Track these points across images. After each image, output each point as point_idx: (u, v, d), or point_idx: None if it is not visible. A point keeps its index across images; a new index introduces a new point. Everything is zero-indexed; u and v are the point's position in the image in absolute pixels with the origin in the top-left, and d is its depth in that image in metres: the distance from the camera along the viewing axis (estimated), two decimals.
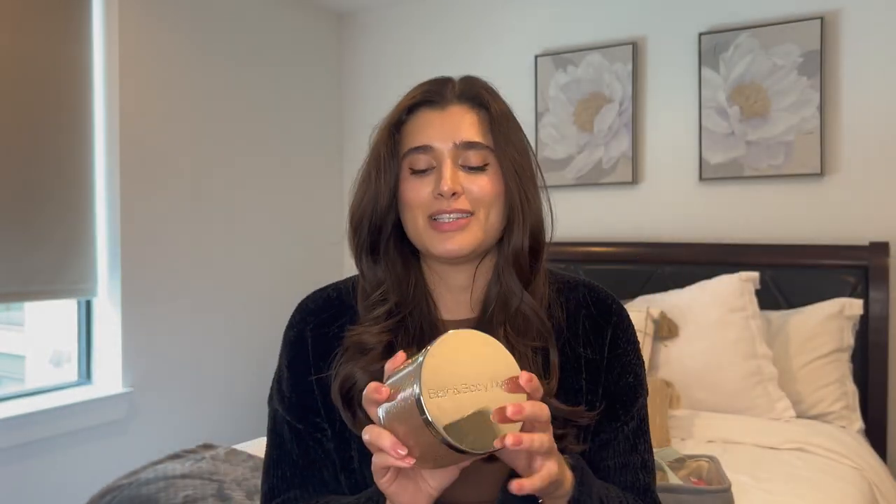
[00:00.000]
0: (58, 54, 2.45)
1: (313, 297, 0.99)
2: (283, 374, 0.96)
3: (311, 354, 0.94)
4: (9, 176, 2.31)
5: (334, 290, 0.99)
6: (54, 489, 2.40)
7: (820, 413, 2.33)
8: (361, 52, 3.63)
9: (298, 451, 0.94)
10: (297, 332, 0.96)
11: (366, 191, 0.93)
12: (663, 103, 2.92)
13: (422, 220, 0.90)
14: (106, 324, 2.62)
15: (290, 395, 0.95)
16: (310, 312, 0.97)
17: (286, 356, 0.96)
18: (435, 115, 0.92)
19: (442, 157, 0.90)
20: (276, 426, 0.96)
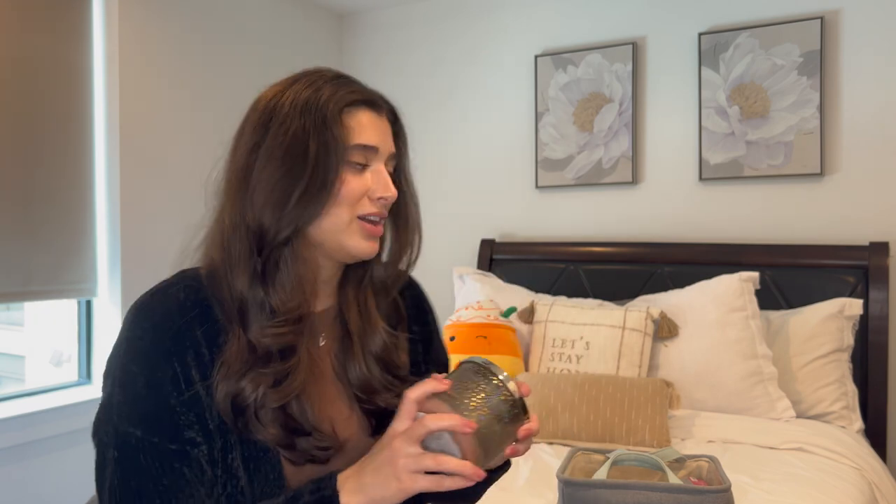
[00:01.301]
0: (58, 54, 2.45)
1: (162, 302, 0.87)
2: (140, 392, 0.83)
3: (177, 364, 0.84)
4: (9, 176, 2.32)
5: (180, 292, 0.88)
6: (54, 489, 2.40)
7: (820, 413, 2.33)
8: (362, 52, 3.63)
9: (169, 475, 0.82)
10: (152, 340, 0.84)
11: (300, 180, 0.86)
12: (663, 103, 2.92)
13: (348, 216, 0.89)
14: (106, 324, 2.62)
15: (158, 414, 0.83)
16: (163, 320, 0.85)
17: (141, 370, 0.83)
18: (376, 119, 0.92)
19: (381, 160, 0.92)
20: (128, 454, 0.82)
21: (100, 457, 0.84)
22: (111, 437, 0.83)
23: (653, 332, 2.45)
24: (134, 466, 0.82)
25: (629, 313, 2.46)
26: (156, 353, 0.84)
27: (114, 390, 0.84)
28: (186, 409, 0.83)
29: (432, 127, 3.40)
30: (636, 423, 2.12)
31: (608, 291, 2.86)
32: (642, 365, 2.40)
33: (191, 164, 2.87)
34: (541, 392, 2.25)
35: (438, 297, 3.40)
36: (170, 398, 0.83)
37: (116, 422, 0.83)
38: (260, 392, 0.84)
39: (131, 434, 0.82)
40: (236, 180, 0.90)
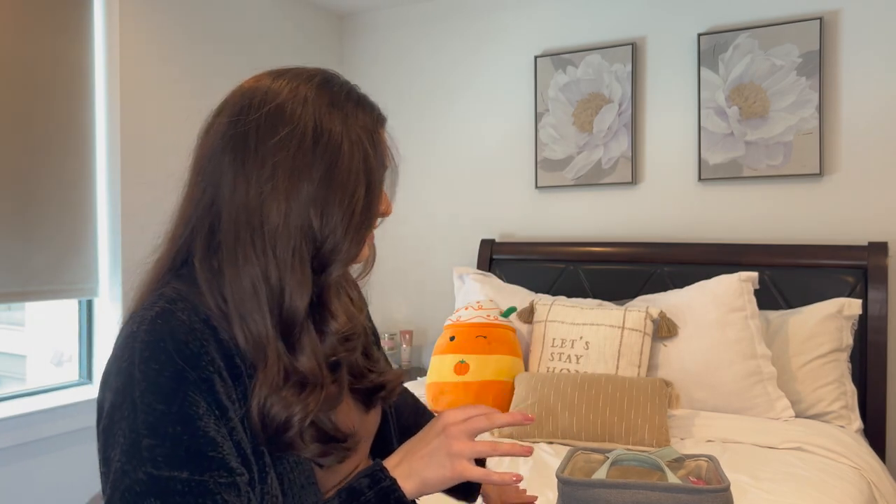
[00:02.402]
0: (58, 54, 2.45)
1: (169, 329, 0.78)
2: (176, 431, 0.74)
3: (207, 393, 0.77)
4: (9, 176, 2.32)
5: (182, 313, 0.79)
6: (54, 489, 2.40)
7: (819, 413, 2.34)
8: (362, 52, 3.63)
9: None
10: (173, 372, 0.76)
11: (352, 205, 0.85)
12: (663, 104, 2.93)
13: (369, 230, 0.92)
14: (106, 324, 2.62)
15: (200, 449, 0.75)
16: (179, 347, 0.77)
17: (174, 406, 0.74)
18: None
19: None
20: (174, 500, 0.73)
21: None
22: (146, 486, 0.73)
23: (652, 331, 2.45)
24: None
25: (629, 313, 2.47)
26: (182, 385, 0.75)
27: (139, 435, 0.74)
28: (225, 438, 0.77)
29: (432, 127, 3.40)
30: (635, 422, 2.12)
31: (608, 291, 2.86)
32: (642, 365, 2.40)
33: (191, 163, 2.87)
34: (540, 392, 2.26)
35: (438, 297, 3.41)
36: (209, 430, 0.75)
37: (151, 468, 0.73)
38: (310, 414, 0.83)
39: (175, 478, 0.73)
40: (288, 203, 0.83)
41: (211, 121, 0.92)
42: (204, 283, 0.82)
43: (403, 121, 3.45)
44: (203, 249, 0.85)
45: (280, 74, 0.91)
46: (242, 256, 0.82)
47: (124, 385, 0.75)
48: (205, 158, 0.89)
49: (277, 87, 0.88)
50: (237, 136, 0.85)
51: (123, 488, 0.73)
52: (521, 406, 2.28)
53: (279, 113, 0.85)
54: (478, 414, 0.85)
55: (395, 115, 3.39)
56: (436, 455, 0.82)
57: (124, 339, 0.78)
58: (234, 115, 0.87)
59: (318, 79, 0.90)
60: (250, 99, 0.87)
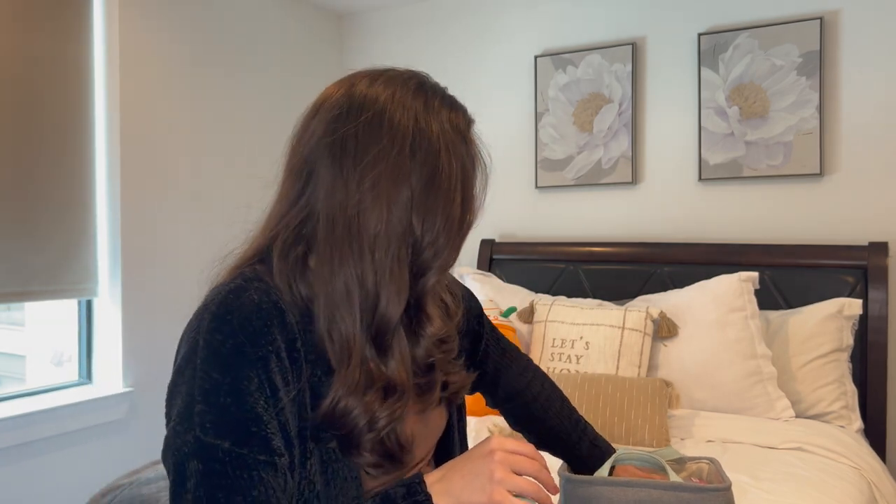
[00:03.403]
0: (58, 54, 2.45)
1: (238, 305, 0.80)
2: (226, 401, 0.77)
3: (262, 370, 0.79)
4: (9, 176, 2.32)
5: (254, 294, 0.82)
6: (54, 489, 2.40)
7: (819, 413, 2.34)
8: (362, 52, 3.63)
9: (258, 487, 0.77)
10: (234, 345, 0.79)
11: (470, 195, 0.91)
12: (663, 104, 2.93)
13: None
14: (106, 324, 2.62)
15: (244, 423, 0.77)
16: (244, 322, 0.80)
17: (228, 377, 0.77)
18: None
19: None
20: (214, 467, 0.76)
21: (179, 469, 0.76)
22: (193, 448, 0.76)
23: (652, 331, 2.45)
24: (222, 480, 0.76)
25: (629, 313, 2.47)
26: (239, 360, 0.78)
27: (193, 399, 0.77)
28: (272, 417, 0.78)
29: None
30: (635, 422, 2.12)
31: (608, 291, 2.86)
32: (642, 365, 2.40)
33: (191, 163, 2.87)
34: None
35: None
36: (256, 406, 0.77)
37: (199, 433, 0.76)
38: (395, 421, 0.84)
39: (218, 446, 0.76)
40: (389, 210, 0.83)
41: (305, 122, 0.91)
42: (278, 272, 0.84)
43: None
44: (286, 242, 0.86)
45: (375, 78, 0.93)
46: (339, 259, 0.83)
47: (190, 352, 0.79)
48: (301, 160, 0.89)
49: (375, 93, 0.89)
50: (336, 143, 0.85)
51: (175, 447, 0.77)
52: None
53: (379, 120, 0.85)
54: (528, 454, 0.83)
55: None
56: (478, 478, 0.80)
57: (199, 310, 0.82)
58: (332, 121, 0.87)
59: (414, 82, 0.92)
60: (348, 104, 0.88)
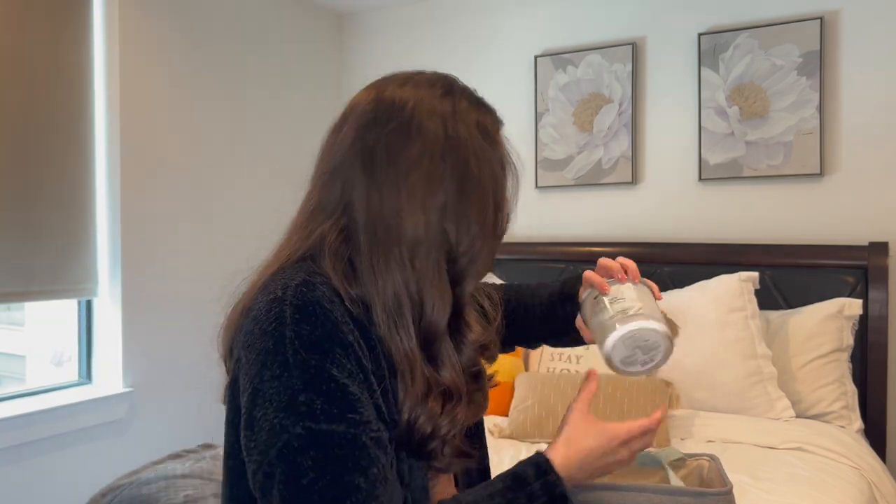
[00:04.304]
0: (58, 54, 2.45)
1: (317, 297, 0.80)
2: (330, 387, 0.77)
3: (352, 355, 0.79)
4: (9, 176, 2.32)
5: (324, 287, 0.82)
6: (54, 489, 2.40)
7: (819, 413, 2.34)
8: (362, 52, 3.63)
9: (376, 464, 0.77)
10: (323, 334, 0.79)
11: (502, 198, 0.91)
12: (663, 104, 2.93)
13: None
14: (106, 324, 2.62)
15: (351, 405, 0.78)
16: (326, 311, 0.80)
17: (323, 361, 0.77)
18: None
19: None
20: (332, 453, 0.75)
21: (291, 463, 0.74)
22: (306, 441, 0.75)
23: None
24: (343, 463, 0.75)
25: None
26: (332, 346, 0.78)
27: (294, 391, 0.76)
28: (367, 399, 0.79)
29: None
30: None
31: None
32: None
33: (191, 163, 2.87)
34: (541, 392, 2.26)
35: None
36: (356, 389, 0.78)
37: (309, 423, 0.75)
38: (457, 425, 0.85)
39: (333, 432, 0.75)
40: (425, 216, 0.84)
41: (336, 129, 0.91)
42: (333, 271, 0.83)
43: None
44: (332, 245, 0.85)
45: (404, 82, 0.91)
46: (384, 266, 0.83)
47: (275, 346, 0.77)
48: (335, 165, 0.88)
49: (404, 98, 0.88)
50: (366, 149, 0.86)
51: (281, 445, 0.74)
52: (520, 406, 2.27)
53: (408, 126, 0.85)
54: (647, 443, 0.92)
55: None
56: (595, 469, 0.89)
57: (268, 303, 0.80)
58: (363, 127, 0.87)
59: (440, 86, 0.91)
60: (376, 111, 0.88)
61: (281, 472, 0.74)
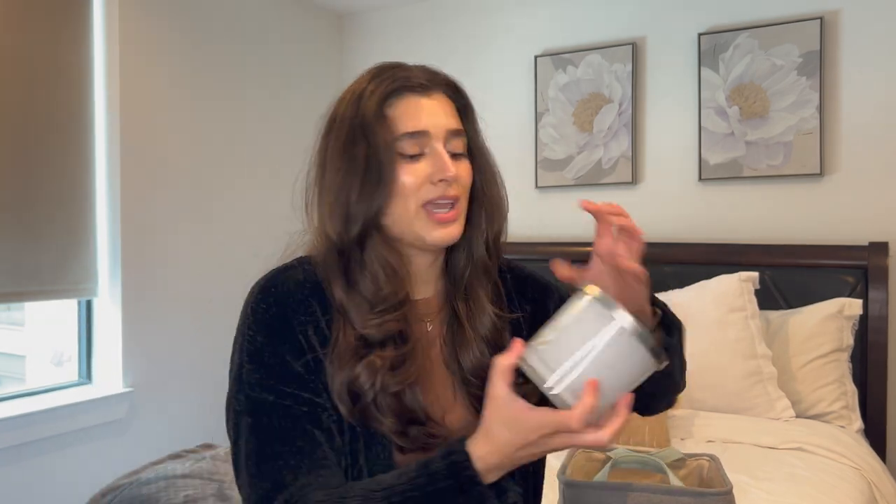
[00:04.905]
0: (58, 54, 2.45)
1: (282, 280, 0.91)
2: (268, 360, 0.87)
3: (300, 335, 0.88)
4: (9, 176, 2.31)
5: (298, 273, 0.92)
6: (54, 489, 2.40)
7: (819, 413, 2.34)
8: (362, 52, 3.63)
9: (302, 437, 0.84)
10: (275, 314, 0.88)
11: (356, 179, 0.89)
12: (663, 104, 2.93)
13: (414, 206, 0.89)
14: (106, 324, 2.62)
15: (285, 378, 0.86)
16: (285, 294, 0.90)
17: (267, 339, 0.87)
18: (425, 101, 0.92)
19: (436, 143, 0.90)
20: (262, 419, 0.85)
21: (235, 426, 0.86)
22: (244, 405, 0.86)
23: None
24: (269, 430, 0.84)
25: None
26: (280, 324, 0.88)
27: (243, 361, 0.87)
28: (313, 376, 0.87)
29: None
30: (636, 422, 2.12)
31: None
32: None
33: (191, 163, 2.87)
34: None
35: None
36: (295, 365, 0.86)
37: (248, 390, 0.86)
38: (378, 378, 0.86)
39: (264, 400, 0.85)
40: (312, 190, 0.95)
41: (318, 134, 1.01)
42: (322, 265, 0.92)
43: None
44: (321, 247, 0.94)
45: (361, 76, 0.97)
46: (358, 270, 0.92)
47: (241, 322, 0.90)
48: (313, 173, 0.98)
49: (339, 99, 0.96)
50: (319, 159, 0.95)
51: (230, 408, 0.88)
52: None
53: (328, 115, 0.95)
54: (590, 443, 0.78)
55: None
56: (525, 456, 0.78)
57: (255, 284, 0.92)
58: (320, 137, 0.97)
59: (370, 72, 0.96)
60: (328, 118, 0.96)
61: (231, 432, 0.87)
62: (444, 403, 0.93)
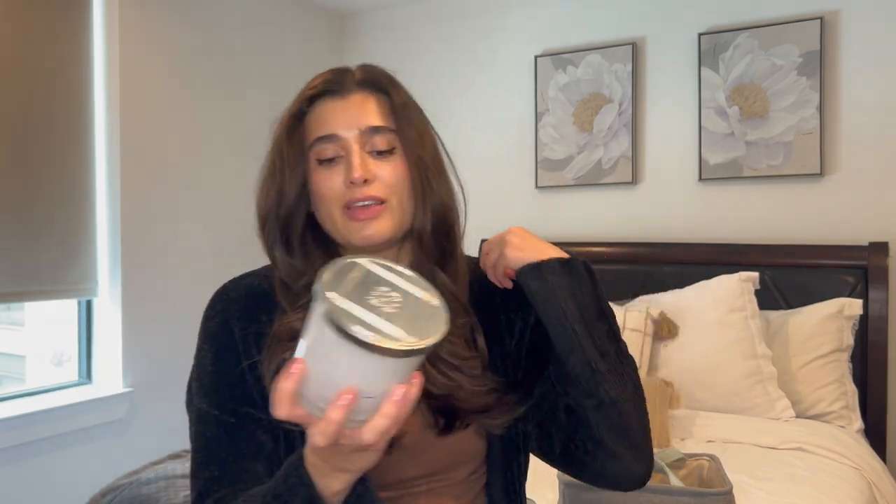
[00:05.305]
0: (58, 54, 2.45)
1: (234, 287, 0.93)
2: (207, 368, 0.89)
3: (240, 344, 0.88)
4: (9, 176, 2.31)
5: (255, 279, 0.93)
6: (54, 489, 2.40)
7: (819, 413, 2.34)
8: (362, 52, 3.63)
9: (228, 447, 0.85)
10: (220, 321, 0.90)
11: (271, 185, 0.91)
12: (663, 104, 2.93)
13: (337, 210, 0.89)
14: (106, 324, 2.62)
15: (218, 389, 0.87)
16: (232, 301, 0.91)
17: (210, 348, 0.90)
18: (337, 104, 0.92)
19: (349, 144, 0.89)
20: (200, 427, 0.87)
21: (189, 429, 0.89)
22: (192, 411, 0.89)
23: (652, 332, 2.45)
24: (204, 437, 0.86)
25: (629, 313, 2.47)
26: (223, 332, 0.89)
27: (192, 369, 0.91)
28: (252, 385, 0.86)
29: None
30: None
31: (608, 291, 2.83)
32: (642, 365, 2.40)
33: (191, 163, 2.87)
34: None
35: None
36: (232, 374, 0.86)
37: (193, 396, 0.89)
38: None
39: (201, 409, 0.87)
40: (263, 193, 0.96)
41: None
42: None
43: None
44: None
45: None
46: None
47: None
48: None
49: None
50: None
51: (187, 411, 0.90)
52: None
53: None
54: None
55: None
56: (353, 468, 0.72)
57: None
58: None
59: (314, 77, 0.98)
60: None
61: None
62: None
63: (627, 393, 0.86)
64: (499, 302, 0.97)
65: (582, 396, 0.86)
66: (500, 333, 0.96)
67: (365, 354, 0.61)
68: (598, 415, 0.85)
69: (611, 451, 0.86)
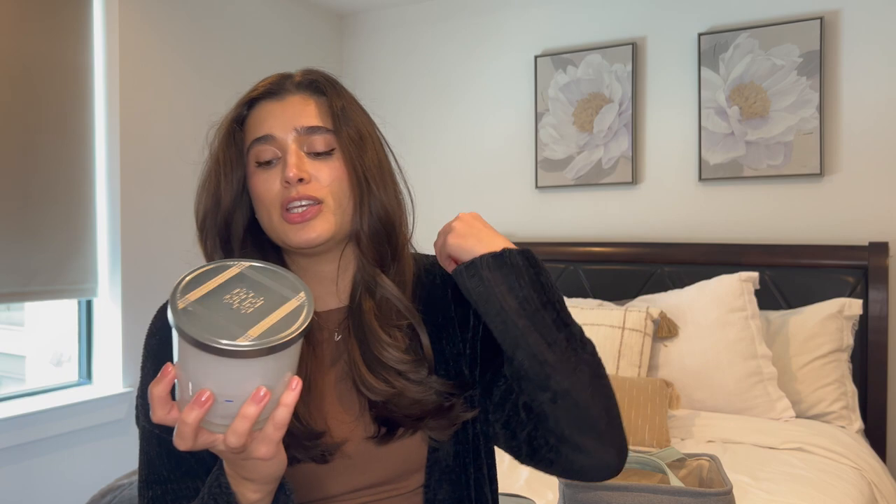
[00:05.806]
0: (58, 54, 2.45)
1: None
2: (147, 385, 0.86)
3: None
4: (9, 176, 2.32)
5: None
6: (54, 489, 2.40)
7: (819, 413, 2.34)
8: (362, 52, 3.63)
9: (169, 465, 0.85)
10: (159, 339, 0.89)
11: (206, 190, 0.93)
12: (663, 104, 2.93)
13: (275, 213, 0.88)
14: (106, 324, 2.62)
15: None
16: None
17: (151, 365, 0.88)
18: (275, 106, 0.91)
19: (285, 145, 0.88)
20: (143, 444, 0.87)
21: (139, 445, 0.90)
22: (139, 427, 0.89)
23: (652, 332, 2.45)
24: (148, 456, 0.87)
25: (629, 313, 2.47)
26: (162, 351, 0.88)
27: (138, 385, 0.90)
28: None
29: (432, 127, 3.40)
30: (636, 423, 2.12)
31: (608, 291, 2.86)
32: (642, 365, 2.40)
33: (191, 163, 2.87)
34: None
35: None
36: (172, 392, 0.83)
37: (138, 413, 0.89)
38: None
39: (145, 426, 0.87)
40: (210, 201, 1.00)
41: None
42: None
43: (403, 120, 3.45)
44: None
45: None
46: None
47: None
48: None
49: None
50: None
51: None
52: None
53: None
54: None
55: (394, 114, 3.39)
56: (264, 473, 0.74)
57: None
58: None
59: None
60: None
61: None
62: (341, 415, 0.87)
63: (583, 381, 0.80)
64: (451, 295, 0.95)
65: (536, 391, 0.82)
66: (453, 329, 0.93)
67: (212, 357, 0.60)
68: (555, 408, 0.81)
69: (574, 444, 0.82)
